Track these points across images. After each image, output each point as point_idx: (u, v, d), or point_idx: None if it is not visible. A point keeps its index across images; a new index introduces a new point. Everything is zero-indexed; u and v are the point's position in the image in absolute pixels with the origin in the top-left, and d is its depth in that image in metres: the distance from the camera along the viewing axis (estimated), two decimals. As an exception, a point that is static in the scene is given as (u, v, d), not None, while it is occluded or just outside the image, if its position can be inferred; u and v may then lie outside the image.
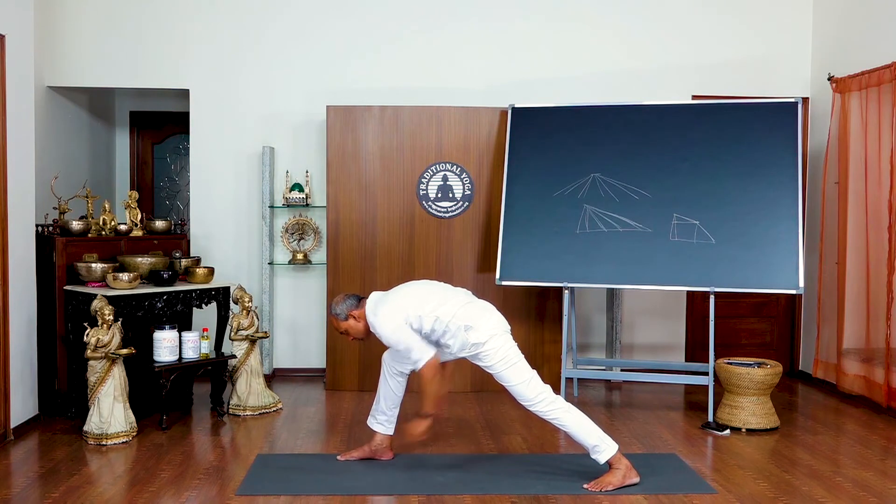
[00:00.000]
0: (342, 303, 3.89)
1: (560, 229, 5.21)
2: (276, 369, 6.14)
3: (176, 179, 7.47)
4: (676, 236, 5.05)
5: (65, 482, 3.77)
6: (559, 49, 6.16)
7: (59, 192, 5.35)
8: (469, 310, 3.79)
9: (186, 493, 3.65)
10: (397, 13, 6.11)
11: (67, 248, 4.90)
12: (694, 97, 6.12)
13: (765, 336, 6.46)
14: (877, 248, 5.28)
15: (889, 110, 5.15)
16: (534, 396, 3.73)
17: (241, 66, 6.08)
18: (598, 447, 3.74)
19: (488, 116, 5.76)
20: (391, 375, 4.03)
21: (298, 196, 5.94)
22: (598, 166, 5.29)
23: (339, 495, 3.62)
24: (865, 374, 5.35)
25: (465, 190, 5.75)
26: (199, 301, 5.06)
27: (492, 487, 3.73)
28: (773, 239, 4.90)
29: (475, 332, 3.73)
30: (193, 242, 5.97)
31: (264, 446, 4.40)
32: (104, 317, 4.38)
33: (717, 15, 6.23)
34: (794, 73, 6.30)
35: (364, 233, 5.74)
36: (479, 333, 3.74)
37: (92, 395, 4.41)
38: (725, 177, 5.07)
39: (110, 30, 5.98)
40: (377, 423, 4.11)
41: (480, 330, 3.74)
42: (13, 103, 4.50)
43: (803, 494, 3.70)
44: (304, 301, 6.13)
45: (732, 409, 4.80)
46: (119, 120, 7.35)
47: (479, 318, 3.77)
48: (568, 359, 5.39)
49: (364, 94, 6.05)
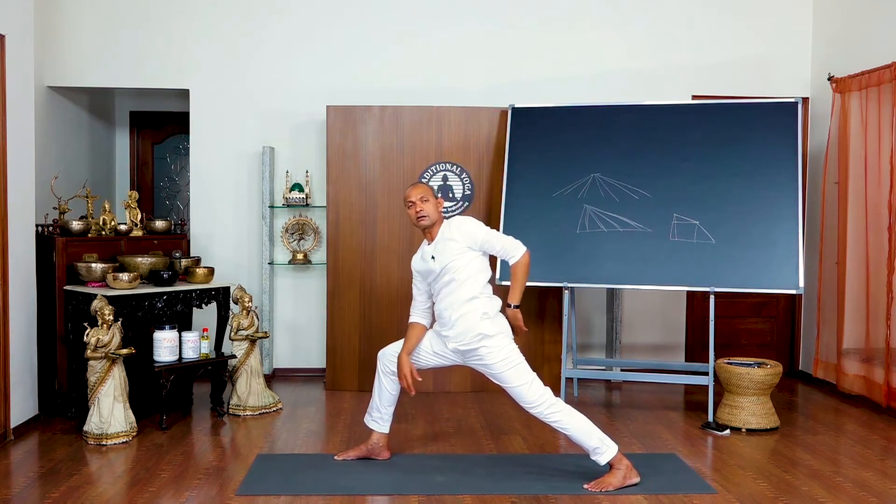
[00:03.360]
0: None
1: (560, 229, 5.21)
2: (276, 369, 6.14)
3: (176, 179, 7.47)
4: (676, 236, 5.05)
5: (65, 482, 3.77)
6: (559, 49, 6.16)
7: (59, 192, 5.35)
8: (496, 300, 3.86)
9: (186, 493, 3.65)
10: (397, 13, 6.11)
11: (67, 248, 4.90)
12: (694, 97, 6.12)
13: (765, 336, 6.46)
14: (877, 248, 5.28)
15: (889, 110, 5.14)
16: (534, 399, 3.73)
17: (241, 66, 6.08)
18: (599, 449, 3.74)
19: (488, 116, 5.76)
20: (385, 374, 4.03)
21: (298, 196, 5.94)
22: (598, 166, 5.29)
23: (339, 495, 3.62)
24: (865, 374, 5.35)
25: (465, 190, 5.75)
26: (199, 301, 5.06)
27: (492, 487, 3.73)
28: (773, 239, 4.90)
29: (490, 323, 3.74)
30: (193, 242, 5.98)
31: (264, 446, 4.40)
32: (104, 317, 4.38)
33: (717, 15, 6.23)
34: (794, 73, 6.30)
35: (364, 233, 5.74)
36: (492, 324, 3.74)
37: (92, 395, 4.41)
38: (725, 177, 5.07)
39: (110, 30, 5.98)
40: (372, 420, 4.11)
41: (496, 319, 3.76)
42: (13, 103, 4.50)
43: (803, 494, 3.70)
44: (304, 301, 6.13)
45: (732, 409, 4.80)
46: (119, 120, 7.35)
47: (498, 308, 3.82)
48: (568, 359, 5.39)
49: (364, 94, 6.05)
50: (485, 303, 3.77)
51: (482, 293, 3.79)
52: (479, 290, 3.77)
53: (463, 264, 3.76)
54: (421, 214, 3.83)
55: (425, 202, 3.83)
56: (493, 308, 3.78)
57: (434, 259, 3.81)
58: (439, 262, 3.79)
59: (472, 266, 3.78)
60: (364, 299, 5.74)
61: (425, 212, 3.83)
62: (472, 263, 3.78)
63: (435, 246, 3.84)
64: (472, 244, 3.78)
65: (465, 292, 3.76)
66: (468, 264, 3.77)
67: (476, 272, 3.79)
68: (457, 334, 3.79)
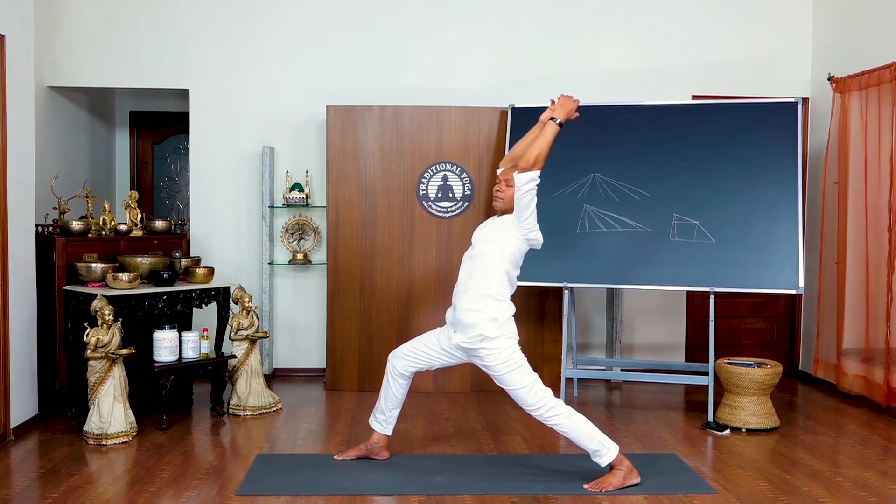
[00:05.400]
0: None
1: (560, 229, 5.20)
2: (276, 369, 6.14)
3: (176, 179, 7.47)
4: (676, 236, 5.05)
5: (65, 482, 3.77)
6: (559, 49, 6.16)
7: (59, 192, 5.35)
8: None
9: (186, 493, 3.65)
10: (397, 13, 6.11)
11: (67, 248, 4.90)
12: (694, 97, 6.12)
13: (765, 336, 6.46)
14: (877, 248, 5.28)
15: (889, 110, 5.14)
16: (535, 402, 3.72)
17: (241, 66, 6.08)
18: (599, 452, 3.74)
19: (488, 116, 5.76)
20: (394, 377, 4.03)
21: (298, 196, 5.94)
22: (598, 166, 5.28)
23: (338, 495, 3.62)
24: (865, 374, 5.35)
25: (465, 190, 5.75)
26: (199, 301, 5.06)
27: (492, 487, 3.73)
28: (773, 239, 4.90)
29: (495, 326, 3.73)
30: (193, 242, 5.98)
31: (264, 446, 4.40)
32: (104, 317, 4.38)
33: (717, 15, 6.23)
34: (794, 73, 6.30)
35: (364, 233, 5.74)
36: (497, 327, 3.72)
37: (92, 395, 4.41)
38: (725, 177, 5.07)
39: (110, 30, 5.98)
40: (376, 421, 4.11)
41: (503, 324, 3.74)
42: (13, 103, 4.49)
43: (803, 494, 3.70)
44: (304, 301, 6.13)
45: (732, 409, 4.80)
46: (119, 120, 7.35)
47: (510, 314, 3.80)
48: (568, 359, 5.38)
49: (364, 94, 6.05)
50: (497, 306, 3.75)
51: (498, 292, 3.76)
52: (496, 284, 3.74)
53: (497, 239, 3.76)
54: (499, 197, 3.85)
55: (511, 187, 3.78)
56: (503, 314, 3.76)
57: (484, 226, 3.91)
58: (483, 230, 3.87)
59: (505, 252, 3.75)
60: (364, 299, 5.74)
61: (506, 193, 3.82)
62: (505, 249, 3.75)
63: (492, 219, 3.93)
64: (511, 220, 3.77)
65: (484, 276, 3.73)
66: (501, 247, 3.75)
67: (505, 260, 3.76)
68: (462, 328, 3.79)
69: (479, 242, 3.86)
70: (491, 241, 3.79)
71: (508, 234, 3.76)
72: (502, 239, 3.76)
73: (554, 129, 3.70)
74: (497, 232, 3.79)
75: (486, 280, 3.75)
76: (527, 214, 3.69)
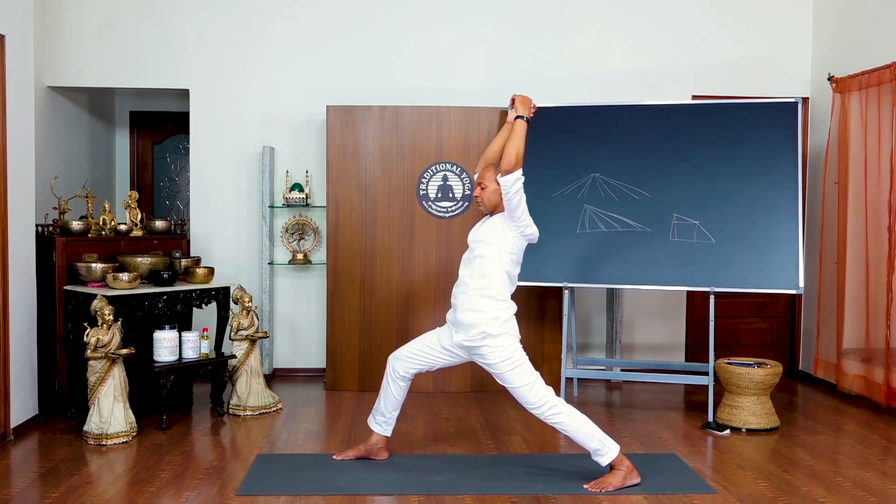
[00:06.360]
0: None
1: (560, 229, 5.20)
2: (276, 369, 6.14)
3: (176, 179, 7.47)
4: (676, 236, 5.05)
5: (65, 482, 3.77)
6: (559, 49, 6.16)
7: (59, 192, 5.35)
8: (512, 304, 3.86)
9: (186, 493, 3.65)
10: (397, 13, 6.11)
11: (67, 248, 4.90)
12: (694, 97, 6.12)
13: (765, 336, 6.46)
14: (877, 248, 5.28)
15: (889, 110, 5.14)
16: (536, 400, 3.72)
17: (241, 66, 6.08)
18: (600, 451, 3.74)
19: (488, 116, 5.76)
20: (394, 379, 4.03)
21: (298, 196, 5.94)
22: (598, 166, 5.28)
23: (338, 495, 3.62)
24: (865, 374, 5.35)
25: (465, 190, 5.74)
26: (199, 301, 5.06)
27: (492, 487, 3.73)
28: (773, 239, 4.90)
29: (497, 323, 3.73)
30: (193, 242, 5.97)
31: (264, 446, 4.40)
32: (104, 317, 4.38)
33: (717, 15, 6.23)
34: (794, 73, 6.30)
35: (364, 233, 5.74)
36: (498, 325, 3.73)
37: (92, 395, 4.41)
38: (725, 177, 5.07)
39: (110, 30, 5.98)
40: (375, 423, 4.11)
41: (505, 322, 3.75)
42: (13, 103, 4.50)
43: (803, 494, 3.70)
44: (304, 301, 6.13)
45: (732, 409, 4.80)
46: (119, 120, 7.35)
47: (511, 313, 3.81)
48: (568, 359, 5.38)
49: (364, 94, 6.05)
50: (499, 306, 3.76)
51: (498, 292, 3.76)
52: (497, 284, 3.75)
53: (495, 240, 3.77)
54: (481, 196, 3.87)
55: (492, 188, 3.81)
56: (505, 313, 3.77)
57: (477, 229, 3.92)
58: (479, 232, 3.88)
59: (504, 252, 3.76)
60: (364, 299, 5.74)
61: (487, 192, 3.84)
62: (503, 249, 3.76)
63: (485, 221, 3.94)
64: (503, 216, 3.78)
65: (484, 277, 3.74)
66: (499, 247, 3.76)
67: (504, 260, 3.77)
68: (464, 328, 3.79)
69: (476, 244, 3.86)
70: (489, 243, 3.79)
71: (505, 234, 3.77)
72: (500, 239, 3.77)
73: (523, 126, 3.73)
74: (493, 232, 3.80)
75: (486, 281, 3.75)
76: (519, 213, 3.71)
